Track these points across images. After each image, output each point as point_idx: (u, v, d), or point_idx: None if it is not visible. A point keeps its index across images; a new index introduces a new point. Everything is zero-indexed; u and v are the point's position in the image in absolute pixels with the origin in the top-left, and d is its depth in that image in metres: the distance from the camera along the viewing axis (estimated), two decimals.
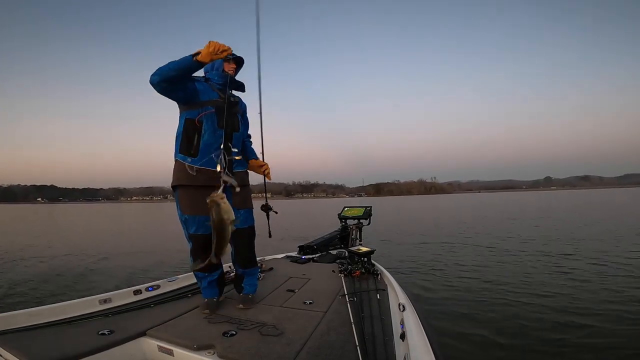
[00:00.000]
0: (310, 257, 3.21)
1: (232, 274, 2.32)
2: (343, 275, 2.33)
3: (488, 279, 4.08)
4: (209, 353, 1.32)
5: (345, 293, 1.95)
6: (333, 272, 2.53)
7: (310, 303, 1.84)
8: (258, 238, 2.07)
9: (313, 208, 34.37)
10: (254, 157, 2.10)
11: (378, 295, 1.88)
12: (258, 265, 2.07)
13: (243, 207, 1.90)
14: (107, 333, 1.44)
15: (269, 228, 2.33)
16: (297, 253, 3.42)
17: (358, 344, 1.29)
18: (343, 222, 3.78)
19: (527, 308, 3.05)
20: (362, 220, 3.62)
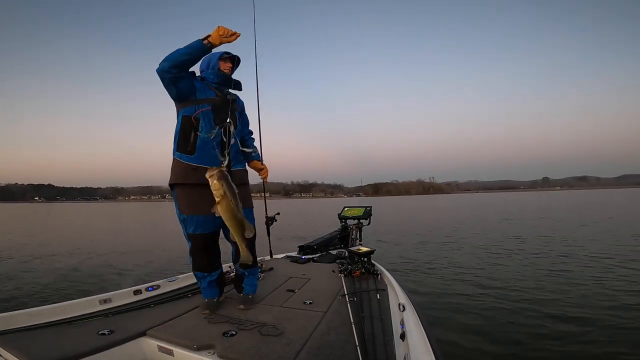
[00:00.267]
0: (310, 257, 3.21)
1: (232, 274, 2.32)
2: (343, 275, 2.33)
3: (488, 279, 4.08)
4: (209, 353, 1.32)
5: (345, 293, 1.94)
6: (333, 272, 2.53)
7: (310, 303, 1.84)
8: (257, 239, 2.06)
9: (312, 208, 34.35)
10: (257, 158, 2.09)
11: (378, 295, 1.88)
12: (258, 266, 2.06)
13: (243, 206, 1.89)
14: (107, 333, 1.43)
15: (270, 246, 2.28)
16: (297, 253, 3.41)
17: (358, 344, 1.29)
18: (343, 222, 3.78)
19: (527, 308, 3.05)
20: (362, 220, 3.62)
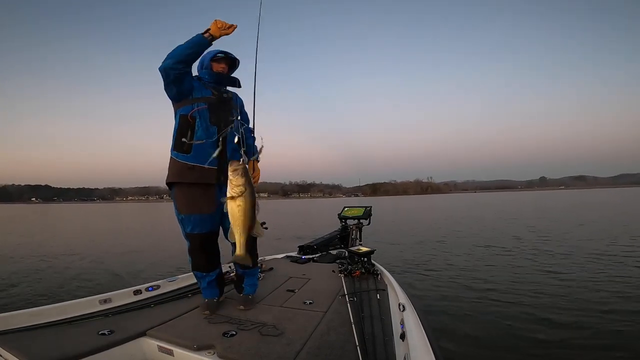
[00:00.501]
0: (310, 257, 3.21)
1: (232, 274, 2.31)
2: (343, 275, 2.33)
3: (487, 279, 4.08)
4: (209, 353, 1.32)
5: (345, 293, 1.94)
6: (333, 272, 2.53)
7: (310, 303, 1.84)
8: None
9: (310, 208, 34.36)
10: (254, 158, 2.05)
11: (378, 295, 1.88)
12: (258, 266, 2.06)
13: None
14: (107, 333, 1.43)
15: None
16: (297, 253, 3.41)
17: (358, 344, 1.29)
18: (343, 222, 3.78)
19: (526, 308, 3.05)
20: (362, 220, 3.62)
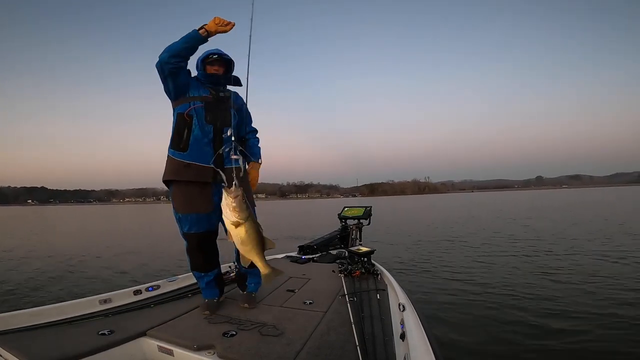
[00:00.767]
0: (310, 257, 3.21)
1: (232, 274, 2.31)
2: (343, 275, 2.33)
3: (487, 279, 4.08)
4: (209, 353, 1.32)
5: (345, 293, 1.94)
6: (333, 272, 2.52)
7: (310, 303, 1.84)
8: None
9: (308, 209, 34.36)
10: (255, 159, 2.01)
11: (378, 295, 1.88)
12: None
13: None
14: (107, 333, 1.43)
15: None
16: (297, 253, 3.41)
17: (358, 344, 1.29)
18: (343, 222, 3.78)
19: (526, 307, 3.05)
20: (362, 220, 3.62)
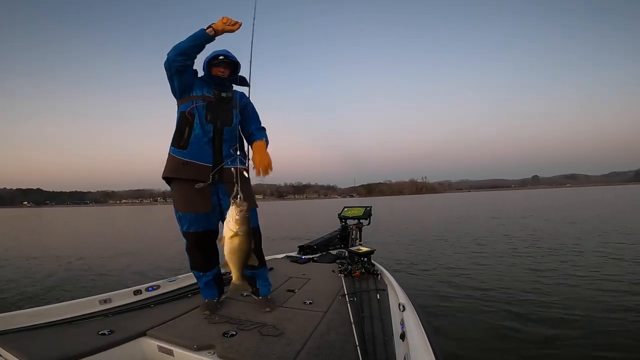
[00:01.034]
0: (310, 257, 3.21)
1: (231, 274, 2.30)
2: (343, 275, 2.33)
3: (486, 279, 4.08)
4: (209, 353, 1.32)
5: (345, 293, 1.94)
6: (333, 272, 2.53)
7: (310, 303, 1.84)
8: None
9: (306, 209, 34.39)
10: (260, 138, 1.93)
11: (378, 295, 1.88)
12: (266, 266, 1.99)
13: None
14: (107, 333, 1.43)
15: None
16: (297, 253, 3.41)
17: (358, 344, 1.29)
18: (343, 222, 3.78)
19: (526, 307, 3.05)
20: (362, 220, 3.62)
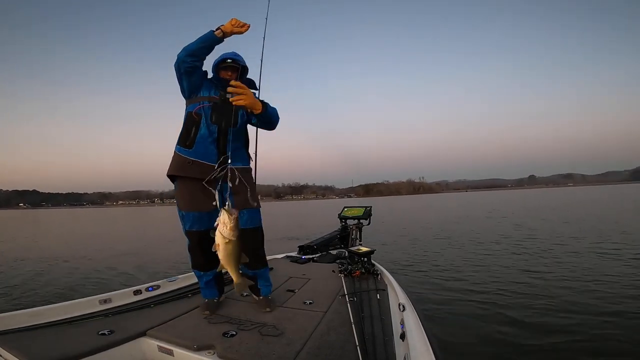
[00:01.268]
0: (310, 257, 3.21)
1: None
2: (343, 275, 2.33)
3: (486, 279, 4.08)
4: (209, 353, 1.32)
5: (345, 293, 1.94)
6: (333, 272, 2.53)
7: (310, 303, 1.84)
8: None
9: (304, 210, 34.29)
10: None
11: (378, 295, 1.88)
12: (268, 266, 1.99)
13: (246, 206, 1.82)
14: (107, 333, 1.44)
15: None
16: (297, 253, 3.41)
17: (358, 344, 1.29)
18: (343, 222, 3.78)
19: (526, 307, 3.05)
20: (362, 220, 3.62)
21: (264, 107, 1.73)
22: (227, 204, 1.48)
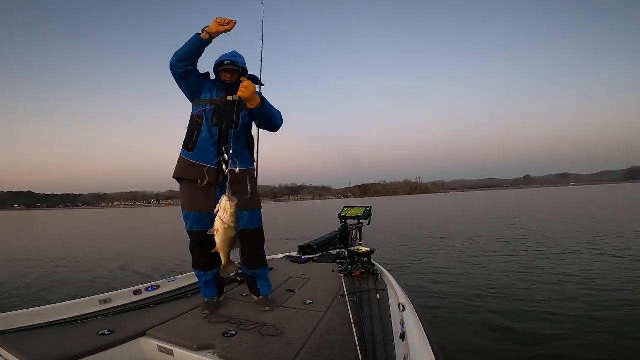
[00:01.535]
0: (310, 257, 3.21)
1: (231, 274, 2.31)
2: (343, 275, 2.33)
3: (486, 279, 4.08)
4: (209, 353, 1.32)
5: (345, 293, 1.94)
6: (333, 272, 2.53)
7: (310, 303, 1.84)
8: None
9: (301, 210, 34.22)
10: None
11: (378, 295, 1.88)
12: (267, 266, 1.99)
13: (248, 207, 1.82)
14: (107, 333, 1.43)
15: None
16: (297, 253, 3.41)
17: (358, 344, 1.29)
18: (343, 222, 3.78)
19: (526, 307, 3.05)
20: (362, 220, 3.62)
21: (261, 103, 1.73)
22: (228, 192, 1.50)
